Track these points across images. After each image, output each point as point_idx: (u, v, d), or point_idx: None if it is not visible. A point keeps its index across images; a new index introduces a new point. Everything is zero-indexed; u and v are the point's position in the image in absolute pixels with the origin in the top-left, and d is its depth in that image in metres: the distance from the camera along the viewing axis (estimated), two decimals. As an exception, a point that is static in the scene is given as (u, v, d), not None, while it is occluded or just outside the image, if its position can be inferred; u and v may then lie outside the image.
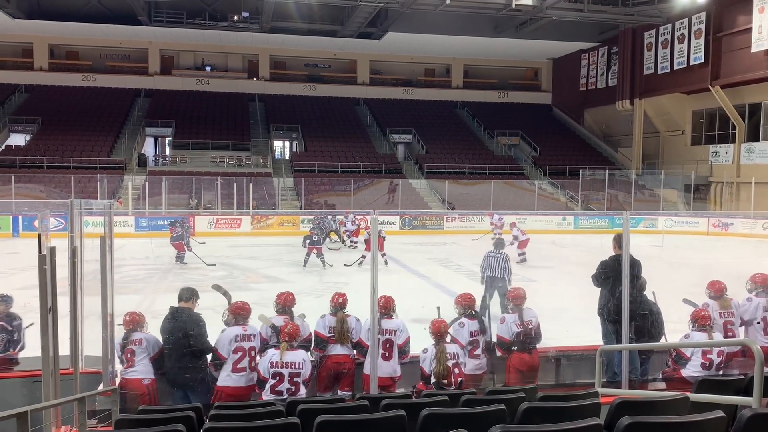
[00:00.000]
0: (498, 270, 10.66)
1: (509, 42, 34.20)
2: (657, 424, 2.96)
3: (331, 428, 3.28)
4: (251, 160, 32.56)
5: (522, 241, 17.89)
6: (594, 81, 36.70)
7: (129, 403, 5.66)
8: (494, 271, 10.69)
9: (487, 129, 38.45)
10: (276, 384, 5.46)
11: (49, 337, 4.36)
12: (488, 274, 10.77)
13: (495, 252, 10.96)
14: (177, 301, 6.02)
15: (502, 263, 10.74)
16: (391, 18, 31.77)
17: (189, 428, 3.48)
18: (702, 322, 6.37)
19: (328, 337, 6.18)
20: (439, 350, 5.70)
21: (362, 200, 29.36)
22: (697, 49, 28.51)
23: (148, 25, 32.17)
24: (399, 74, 41.14)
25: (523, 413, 3.52)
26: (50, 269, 4.37)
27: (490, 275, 10.74)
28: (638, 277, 6.56)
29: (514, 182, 32.39)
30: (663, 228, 24.85)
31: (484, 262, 10.94)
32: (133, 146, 32.75)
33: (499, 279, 10.63)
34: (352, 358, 6.24)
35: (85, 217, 5.87)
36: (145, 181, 28.19)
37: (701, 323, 6.36)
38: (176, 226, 17.72)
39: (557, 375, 7.15)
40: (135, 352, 5.78)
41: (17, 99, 35.15)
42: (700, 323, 6.37)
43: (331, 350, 6.17)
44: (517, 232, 18.15)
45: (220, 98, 37.65)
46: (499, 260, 10.78)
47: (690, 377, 6.18)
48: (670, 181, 31.21)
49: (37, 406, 3.88)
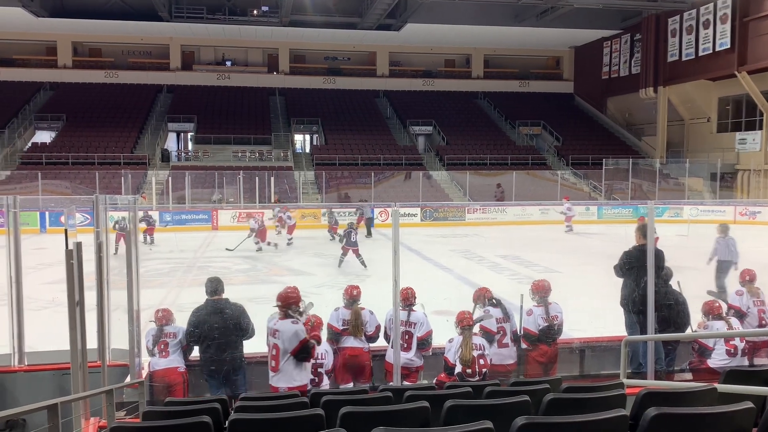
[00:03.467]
0: (727, 254, 11.32)
1: (530, 31, 33.83)
2: (684, 415, 2.92)
3: (355, 419, 3.29)
4: (272, 154, 32.71)
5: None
6: (617, 69, 36.20)
7: (156, 395, 5.76)
8: (725, 255, 11.34)
9: (508, 119, 38.15)
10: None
11: (77, 331, 4.44)
12: (719, 258, 11.42)
13: (723, 237, 11.55)
14: (209, 294, 6.08)
15: (731, 247, 11.39)
16: (410, 9, 31.61)
17: (215, 420, 3.52)
18: (715, 312, 6.38)
19: (342, 330, 6.21)
20: (466, 337, 5.71)
21: (383, 193, 29.39)
22: (722, 35, 27.95)
23: (169, 21, 32.41)
24: (419, 65, 40.97)
25: (548, 404, 3.50)
26: (77, 264, 4.44)
27: (720, 259, 11.40)
28: (662, 268, 6.49)
29: (537, 172, 32.14)
30: (688, 217, 24.48)
31: (715, 246, 11.58)
32: (156, 142, 33.10)
33: (726, 263, 11.28)
34: (366, 350, 6.27)
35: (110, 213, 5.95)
36: (169, 176, 28.47)
37: (715, 313, 6.38)
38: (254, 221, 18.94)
39: (581, 366, 7.11)
40: (169, 344, 6.00)
41: (42, 97, 35.69)
42: (714, 313, 6.38)
43: (345, 342, 6.20)
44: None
45: (241, 93, 37.86)
46: (728, 245, 11.43)
47: (717, 367, 6.11)
48: (696, 169, 30.72)
49: (67, 398, 3.95)
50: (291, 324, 5.47)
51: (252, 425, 3.38)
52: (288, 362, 5.41)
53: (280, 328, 5.44)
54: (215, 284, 6.11)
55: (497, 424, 2.81)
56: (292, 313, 5.53)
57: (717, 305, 6.50)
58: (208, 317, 5.93)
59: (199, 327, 5.92)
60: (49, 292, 7.10)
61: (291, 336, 5.42)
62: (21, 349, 6.26)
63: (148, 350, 6.05)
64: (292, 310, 5.53)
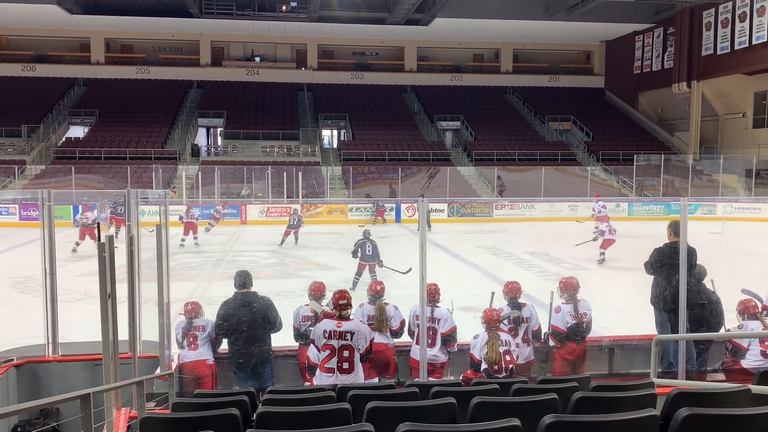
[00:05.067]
0: None
1: (560, 25, 33.39)
2: (717, 416, 2.87)
3: (381, 414, 3.29)
4: (300, 150, 32.87)
5: (606, 240, 15.72)
6: (649, 63, 35.56)
7: (185, 387, 5.84)
8: None
9: (537, 114, 37.76)
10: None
11: (109, 323, 4.51)
12: None
13: None
14: (237, 288, 6.15)
15: None
16: (439, 3, 31.45)
17: (243, 412, 3.55)
18: (751, 311, 6.23)
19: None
20: (492, 336, 5.67)
21: (410, 188, 29.36)
22: (759, 28, 27.27)
23: (199, 17, 32.73)
24: (447, 60, 40.75)
25: (576, 403, 3.46)
26: (109, 257, 4.51)
27: None
28: (694, 266, 6.37)
29: (566, 168, 31.76)
30: (722, 214, 24.00)
31: None
32: (186, 137, 33.50)
33: None
34: (391, 346, 6.26)
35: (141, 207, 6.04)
36: (198, 171, 28.81)
37: (751, 312, 6.23)
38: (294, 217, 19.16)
39: (610, 364, 7.02)
40: (198, 336, 6.08)
41: (76, 92, 36.37)
42: (750, 312, 6.23)
43: None
44: (605, 227, 15.94)
45: (270, 88, 38.10)
46: None
47: (751, 368, 5.98)
48: (730, 165, 30.05)
49: (99, 388, 4.02)
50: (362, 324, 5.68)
51: (279, 418, 3.40)
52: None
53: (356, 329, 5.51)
54: (244, 278, 6.17)
55: (525, 421, 2.79)
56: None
57: (753, 304, 6.34)
58: (237, 310, 5.99)
59: (227, 320, 5.99)
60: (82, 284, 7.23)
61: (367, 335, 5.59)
62: (55, 340, 6.39)
63: (178, 342, 6.14)
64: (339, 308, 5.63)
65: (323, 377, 5.44)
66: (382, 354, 6.14)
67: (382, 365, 6.19)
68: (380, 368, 6.19)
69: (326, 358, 5.42)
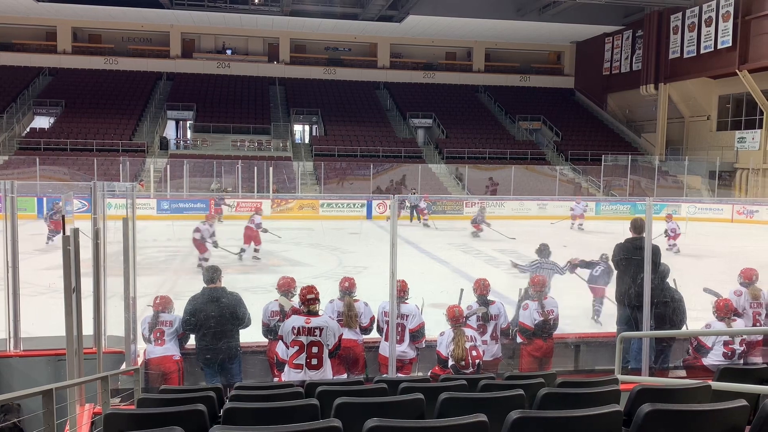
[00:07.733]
0: None
1: (532, 25, 33.75)
2: (678, 411, 2.93)
3: (349, 410, 3.29)
4: (271, 144, 32.63)
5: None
6: (618, 65, 36.13)
7: (151, 383, 5.77)
8: None
9: (508, 113, 38.09)
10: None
11: (73, 317, 4.43)
12: None
13: None
14: (206, 283, 6.09)
15: None
16: (413, 1, 31.48)
17: (209, 408, 3.52)
18: (723, 313, 6.30)
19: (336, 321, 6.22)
20: (457, 333, 5.71)
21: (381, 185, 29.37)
22: (724, 33, 27.90)
23: (170, 8, 32.23)
24: (420, 58, 40.84)
25: (542, 399, 3.51)
26: (74, 250, 4.43)
27: None
28: (658, 263, 6.50)
29: (536, 167, 32.11)
30: (686, 215, 24.51)
31: None
32: (154, 129, 32.98)
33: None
34: (360, 342, 6.27)
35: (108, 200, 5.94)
36: (167, 165, 28.40)
37: (722, 314, 6.30)
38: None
39: (576, 361, 7.13)
40: (165, 332, 6.01)
41: (41, 82, 35.52)
42: (721, 314, 6.31)
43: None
44: (674, 225, 17.24)
45: (241, 82, 37.73)
46: None
47: (711, 365, 6.12)
48: (695, 167, 30.73)
49: (62, 384, 3.94)
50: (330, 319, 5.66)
51: (247, 414, 3.38)
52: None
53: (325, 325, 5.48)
54: (212, 273, 6.10)
55: (491, 417, 2.82)
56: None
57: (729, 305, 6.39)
58: (205, 305, 5.93)
59: (195, 315, 5.93)
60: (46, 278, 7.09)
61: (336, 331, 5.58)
62: (17, 335, 6.26)
63: (144, 337, 6.05)
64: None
65: (291, 373, 5.42)
66: (351, 350, 6.14)
67: (351, 361, 6.19)
68: (349, 364, 6.19)
69: (295, 354, 5.40)
